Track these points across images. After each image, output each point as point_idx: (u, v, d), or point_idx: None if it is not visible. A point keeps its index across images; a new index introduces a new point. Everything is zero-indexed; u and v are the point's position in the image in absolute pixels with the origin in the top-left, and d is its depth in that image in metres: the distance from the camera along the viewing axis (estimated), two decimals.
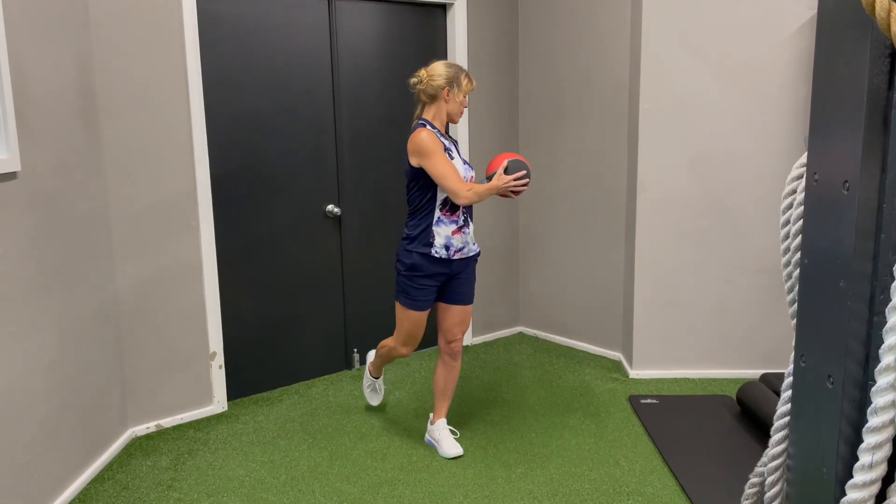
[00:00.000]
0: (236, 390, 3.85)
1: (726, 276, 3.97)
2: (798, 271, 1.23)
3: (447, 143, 3.02)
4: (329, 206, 4.04)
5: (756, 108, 3.79)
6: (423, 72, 3.01)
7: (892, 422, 0.90)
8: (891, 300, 0.88)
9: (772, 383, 3.43)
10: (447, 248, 3.01)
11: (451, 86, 2.99)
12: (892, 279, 0.91)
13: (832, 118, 0.98)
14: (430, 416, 3.33)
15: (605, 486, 2.90)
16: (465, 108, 3.06)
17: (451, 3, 4.32)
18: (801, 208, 1.20)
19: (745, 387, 3.49)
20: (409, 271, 3.03)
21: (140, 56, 3.25)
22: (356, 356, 4.28)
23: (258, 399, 3.86)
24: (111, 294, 3.25)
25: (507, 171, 2.97)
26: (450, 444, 3.19)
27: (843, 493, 0.97)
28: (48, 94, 2.75)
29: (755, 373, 4.03)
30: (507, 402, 3.77)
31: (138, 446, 3.32)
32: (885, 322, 0.90)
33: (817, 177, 1.03)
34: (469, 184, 2.94)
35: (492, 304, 4.83)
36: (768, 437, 3.07)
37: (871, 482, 0.93)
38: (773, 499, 1.34)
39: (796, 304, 1.23)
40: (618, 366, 4.29)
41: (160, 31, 3.29)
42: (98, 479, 3.01)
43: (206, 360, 3.63)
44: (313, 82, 3.91)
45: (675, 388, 3.93)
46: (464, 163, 3.04)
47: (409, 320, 3.14)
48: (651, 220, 3.97)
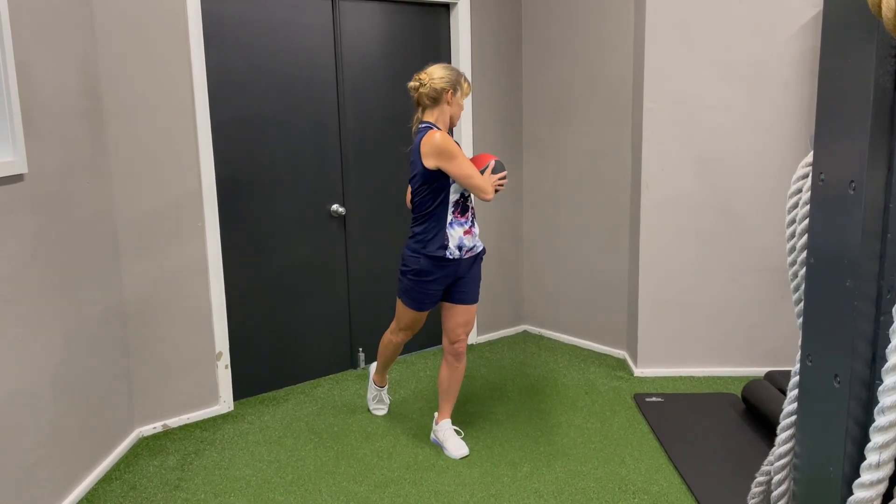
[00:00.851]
0: (242, 390, 3.86)
1: (731, 275, 3.96)
2: (804, 271, 1.23)
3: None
4: (334, 206, 4.05)
5: (760, 106, 3.79)
6: (423, 75, 3.01)
7: None
8: None
9: (777, 381, 3.43)
10: (460, 248, 3.04)
11: (453, 89, 3.00)
12: None
13: (838, 118, 0.98)
14: (435, 415, 3.33)
15: (611, 485, 2.90)
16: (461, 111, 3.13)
17: (455, 3, 4.32)
18: (807, 208, 1.20)
19: (750, 385, 3.49)
20: (416, 276, 3.05)
21: (145, 58, 3.26)
22: (361, 355, 4.28)
23: (264, 399, 3.87)
24: (117, 295, 3.26)
25: (494, 171, 3.05)
26: (455, 445, 3.19)
27: (851, 492, 0.97)
28: (54, 97, 2.76)
29: (760, 371, 4.03)
30: (512, 400, 3.77)
31: (145, 446, 3.34)
32: (893, 321, 0.90)
33: (823, 176, 1.03)
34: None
35: (496, 302, 4.83)
36: (774, 435, 3.07)
37: (879, 481, 0.93)
38: (779, 498, 1.35)
39: (802, 304, 1.23)
40: (622, 364, 4.29)
41: (165, 33, 3.30)
42: (105, 480, 3.03)
43: (212, 360, 3.64)
44: (317, 83, 3.92)
45: (680, 386, 3.93)
46: None
47: (410, 317, 3.23)
48: (655, 218, 3.96)
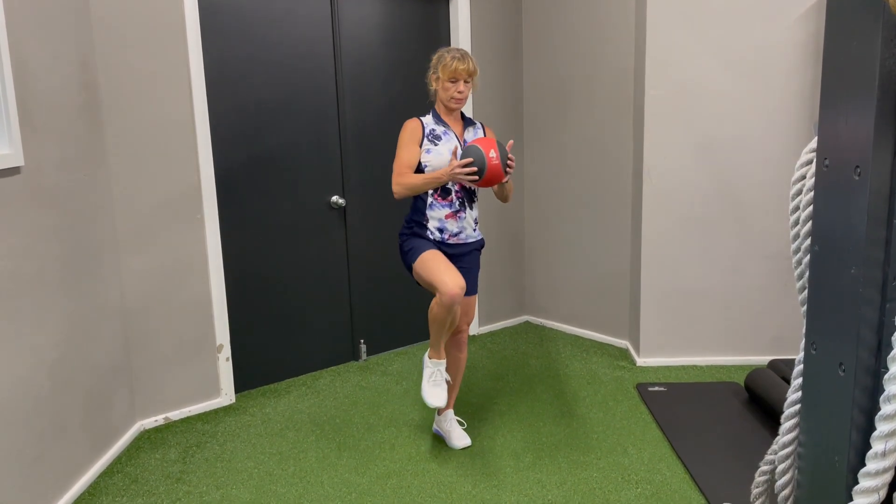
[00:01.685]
0: (243, 382, 3.85)
1: (733, 263, 3.95)
2: (808, 258, 1.22)
3: (440, 129, 2.98)
4: (334, 198, 4.03)
5: (763, 92, 3.76)
6: None
7: None
8: None
9: (780, 370, 3.42)
10: (441, 230, 2.98)
11: (434, 73, 2.97)
12: None
13: (843, 103, 0.96)
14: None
15: (614, 475, 2.90)
16: (458, 92, 2.91)
17: None
18: (811, 194, 1.18)
19: (754, 373, 3.48)
20: (410, 239, 3.00)
21: (142, 49, 3.24)
22: (363, 347, 4.28)
23: (265, 391, 3.87)
24: (117, 288, 3.25)
25: (462, 156, 2.79)
26: (458, 435, 3.19)
27: (856, 482, 0.96)
28: (51, 89, 2.75)
29: (763, 359, 4.02)
30: (515, 391, 3.77)
31: (147, 439, 3.33)
32: None
33: (828, 162, 1.01)
34: (408, 176, 2.88)
35: (498, 293, 4.82)
36: (777, 423, 3.07)
37: (884, 470, 0.92)
38: (784, 486, 1.34)
39: (806, 291, 1.21)
40: (625, 354, 4.28)
41: (162, 23, 3.28)
42: (107, 473, 3.03)
43: (213, 352, 3.63)
44: (316, 73, 3.90)
45: (683, 375, 3.92)
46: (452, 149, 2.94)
47: (428, 266, 2.84)
48: (657, 207, 3.95)
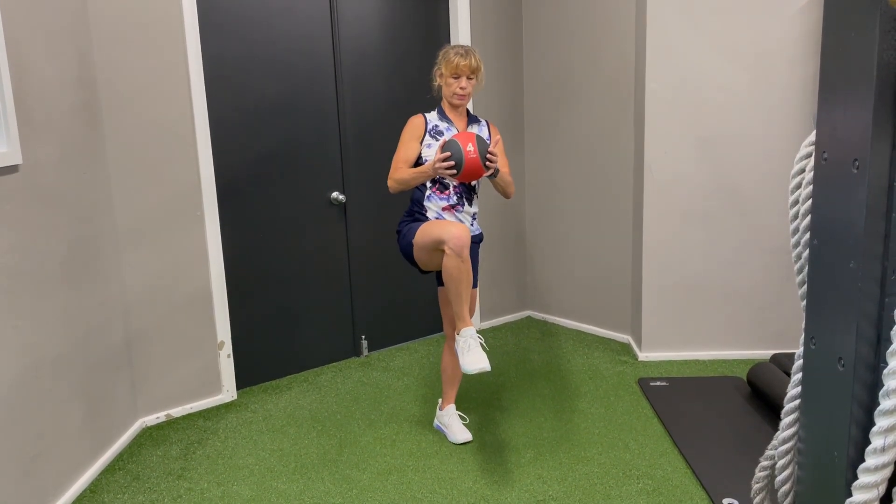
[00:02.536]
0: (245, 379, 3.86)
1: (735, 257, 3.94)
2: (807, 252, 1.21)
3: (443, 125, 2.99)
4: (334, 194, 4.03)
5: (764, 85, 3.75)
6: None
7: None
8: None
9: (782, 364, 3.41)
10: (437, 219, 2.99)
11: (438, 68, 2.98)
12: None
13: (841, 95, 0.95)
14: (439, 401, 3.33)
15: (615, 470, 2.89)
16: (460, 88, 2.92)
17: None
18: (810, 188, 1.17)
19: (756, 368, 3.47)
20: (409, 224, 2.99)
21: (141, 47, 3.23)
22: (364, 342, 4.28)
23: (267, 387, 3.87)
24: (118, 285, 3.25)
25: (443, 150, 2.76)
26: (459, 430, 3.18)
27: (855, 477, 0.96)
28: (49, 87, 2.74)
29: (765, 353, 4.01)
30: (516, 386, 3.76)
31: (148, 436, 3.34)
32: None
33: (826, 155, 1.00)
34: (401, 170, 2.91)
35: (499, 288, 4.82)
36: (779, 418, 3.06)
37: (884, 466, 0.92)
38: (784, 482, 1.33)
39: (806, 286, 1.21)
40: (627, 348, 4.28)
41: (160, 21, 3.27)
42: (109, 470, 3.03)
43: (214, 349, 3.63)
44: (316, 69, 3.89)
45: (685, 370, 3.91)
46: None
47: (426, 231, 2.80)
48: (658, 201, 3.93)
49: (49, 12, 2.77)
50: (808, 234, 1.21)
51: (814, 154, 1.09)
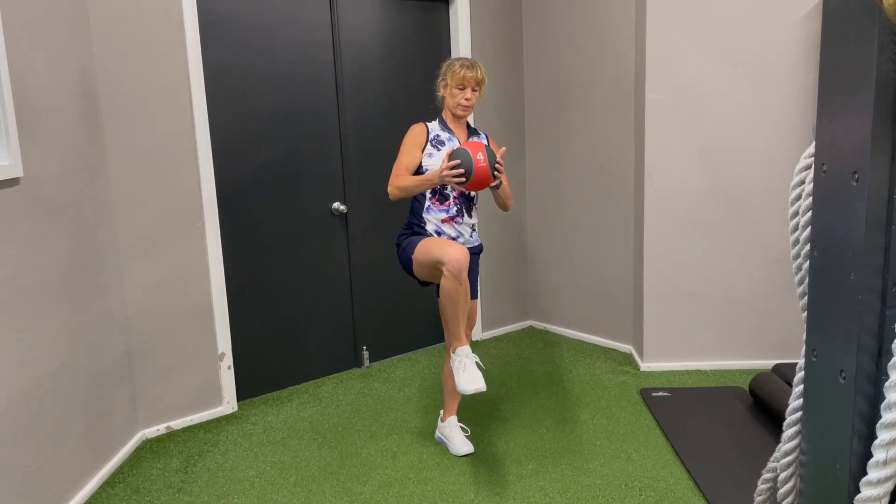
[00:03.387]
0: (246, 390, 3.85)
1: (737, 267, 3.93)
2: (808, 264, 1.21)
3: (445, 135, 3.01)
4: (335, 204, 4.03)
5: (764, 95, 3.75)
6: None
7: None
8: None
9: (785, 374, 3.40)
10: (438, 234, 2.99)
11: (443, 80, 3.00)
12: None
13: (840, 108, 0.95)
14: (441, 413, 3.32)
15: (617, 482, 2.88)
16: (465, 100, 2.95)
17: None
18: (810, 200, 1.17)
19: (758, 378, 3.46)
20: (408, 237, 3.00)
21: (142, 58, 3.24)
22: (365, 353, 4.27)
23: (268, 399, 3.86)
24: (119, 297, 3.25)
25: (451, 158, 2.78)
26: (460, 442, 3.17)
27: (858, 490, 0.95)
28: (50, 100, 2.75)
29: (768, 363, 4.00)
30: (518, 397, 3.75)
31: (149, 449, 3.33)
32: None
33: (825, 168, 1.00)
34: (403, 178, 2.91)
35: (501, 298, 4.81)
36: (782, 429, 3.05)
37: (886, 479, 0.91)
38: (786, 495, 1.32)
39: (806, 298, 1.20)
40: (629, 359, 4.27)
41: (161, 32, 3.28)
42: (109, 483, 3.02)
43: (214, 360, 3.63)
44: (316, 79, 3.90)
45: (687, 380, 3.90)
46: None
47: (426, 249, 2.80)
48: (659, 210, 3.93)
49: (50, 24, 2.78)
50: (808, 246, 1.20)
51: (813, 166, 1.09)
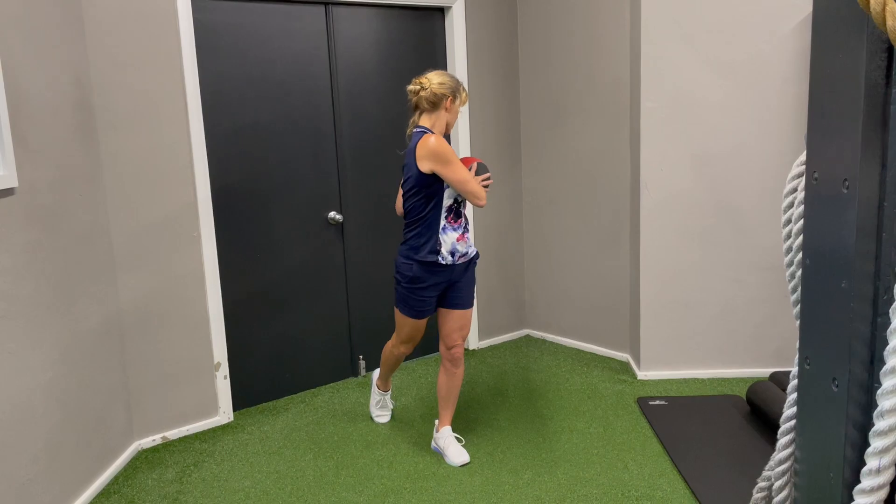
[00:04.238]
0: (242, 400, 3.83)
1: (733, 275, 3.93)
2: (800, 272, 1.21)
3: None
4: (331, 214, 4.03)
5: (758, 103, 3.77)
6: (423, 79, 3.01)
7: None
8: (894, 301, 0.86)
9: (782, 382, 3.40)
10: (453, 254, 3.02)
11: (453, 96, 3.02)
12: None
13: (830, 116, 0.95)
14: (436, 423, 3.31)
15: (614, 491, 2.87)
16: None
17: (449, 7, 4.31)
18: (802, 208, 1.17)
19: (755, 386, 3.46)
20: (410, 283, 3.03)
21: (137, 68, 3.25)
22: (362, 363, 4.26)
23: (264, 409, 3.85)
24: (114, 307, 3.24)
25: (476, 173, 3.03)
26: (456, 452, 3.16)
27: (852, 498, 0.95)
28: (45, 109, 2.75)
29: (765, 371, 4.00)
30: (514, 406, 3.74)
31: (144, 459, 3.31)
32: (889, 323, 0.88)
33: (816, 175, 1.00)
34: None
35: (497, 307, 4.81)
36: (777, 437, 3.04)
37: (879, 487, 0.91)
38: (781, 503, 1.32)
39: (800, 305, 1.20)
40: (625, 367, 4.26)
41: (157, 42, 3.29)
42: (104, 494, 3.00)
43: (210, 370, 3.62)
44: (312, 89, 3.90)
45: (684, 388, 3.89)
46: None
47: (409, 326, 3.20)
48: (655, 219, 3.94)
49: (45, 35, 2.78)
50: (800, 254, 1.21)
51: (805, 174, 1.09)
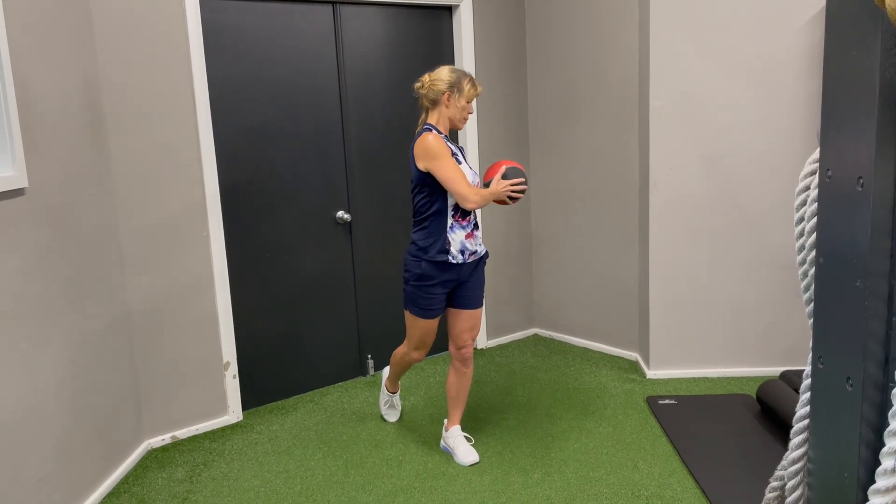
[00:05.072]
0: (251, 400, 3.84)
1: (744, 273, 3.92)
2: (814, 270, 1.20)
3: (454, 147, 3.01)
4: (339, 213, 4.03)
5: (768, 101, 3.75)
6: (426, 77, 3.00)
7: None
8: None
9: (792, 381, 3.38)
10: (462, 252, 3.00)
11: (451, 90, 2.98)
12: None
13: (844, 113, 0.95)
14: (445, 422, 3.31)
15: (624, 491, 2.86)
16: (469, 113, 3.04)
17: (457, 5, 4.30)
18: (815, 206, 1.16)
19: (765, 385, 3.44)
20: (419, 281, 3.02)
21: (146, 69, 3.25)
22: (370, 362, 4.26)
23: (273, 408, 3.86)
24: (123, 307, 3.25)
25: (505, 177, 2.99)
26: (465, 452, 3.16)
27: (866, 498, 0.94)
28: (55, 111, 2.76)
29: (775, 370, 3.98)
30: (523, 405, 3.74)
31: (154, 458, 3.32)
32: None
33: (830, 173, 1.00)
34: (480, 190, 2.94)
35: (506, 306, 4.80)
36: (789, 437, 3.03)
37: (895, 487, 0.90)
38: (793, 503, 1.31)
39: (812, 304, 1.19)
40: (635, 366, 4.25)
41: (165, 43, 3.29)
42: (114, 493, 3.01)
43: (219, 370, 3.62)
44: (320, 89, 3.91)
45: (694, 387, 3.88)
46: (469, 169, 3.03)
47: (420, 328, 3.13)
48: (664, 218, 3.92)
49: (54, 36, 2.79)
50: (813, 252, 1.20)
51: (818, 172, 1.09)
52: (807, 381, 1.26)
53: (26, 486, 2.48)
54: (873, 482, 0.92)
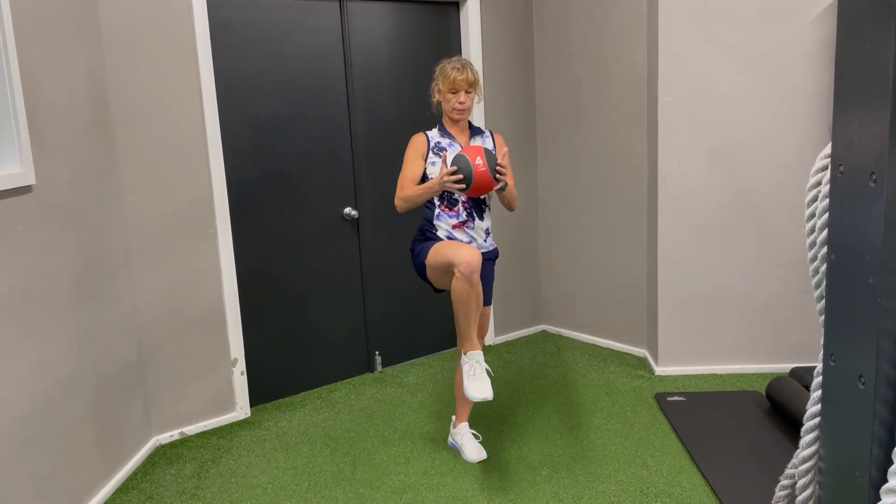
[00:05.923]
0: (259, 396, 3.85)
1: (752, 269, 3.89)
2: (825, 267, 1.19)
3: (445, 141, 2.98)
4: (347, 209, 4.03)
5: (778, 96, 3.72)
6: None
7: None
8: None
9: (802, 378, 3.36)
10: (451, 239, 2.97)
11: (436, 83, 2.97)
12: None
13: (856, 108, 0.93)
14: (453, 418, 3.30)
15: (633, 488, 2.85)
16: (459, 103, 2.91)
17: (464, 1, 4.28)
18: (827, 201, 1.15)
19: (775, 382, 3.42)
20: (421, 242, 2.98)
21: (153, 65, 3.25)
22: (378, 358, 4.26)
23: (280, 404, 3.86)
24: (131, 303, 3.26)
25: (450, 164, 2.76)
26: (473, 449, 3.15)
27: (878, 498, 0.93)
28: (61, 107, 2.76)
29: (785, 367, 3.96)
30: (531, 402, 3.73)
31: (162, 454, 3.33)
32: None
33: (842, 169, 0.98)
34: (408, 188, 2.90)
35: (514, 302, 4.79)
36: (799, 434, 3.01)
37: None
38: (804, 502, 1.30)
39: (824, 301, 1.18)
40: (643, 363, 4.23)
41: (172, 39, 3.29)
42: (122, 490, 3.02)
43: (227, 366, 3.63)
44: (327, 85, 3.90)
45: (703, 384, 3.86)
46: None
47: (439, 252, 2.78)
48: (673, 213, 3.90)
49: (61, 32, 2.80)
50: (825, 249, 1.18)
51: (830, 167, 1.07)
52: (818, 379, 1.25)
53: (35, 481, 2.48)
54: (886, 481, 0.91)
